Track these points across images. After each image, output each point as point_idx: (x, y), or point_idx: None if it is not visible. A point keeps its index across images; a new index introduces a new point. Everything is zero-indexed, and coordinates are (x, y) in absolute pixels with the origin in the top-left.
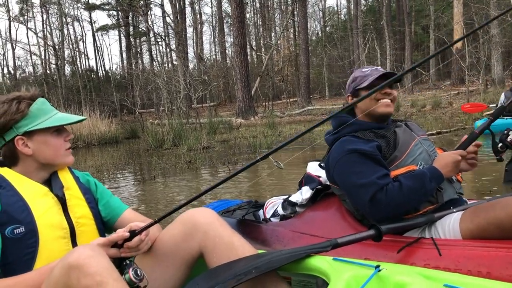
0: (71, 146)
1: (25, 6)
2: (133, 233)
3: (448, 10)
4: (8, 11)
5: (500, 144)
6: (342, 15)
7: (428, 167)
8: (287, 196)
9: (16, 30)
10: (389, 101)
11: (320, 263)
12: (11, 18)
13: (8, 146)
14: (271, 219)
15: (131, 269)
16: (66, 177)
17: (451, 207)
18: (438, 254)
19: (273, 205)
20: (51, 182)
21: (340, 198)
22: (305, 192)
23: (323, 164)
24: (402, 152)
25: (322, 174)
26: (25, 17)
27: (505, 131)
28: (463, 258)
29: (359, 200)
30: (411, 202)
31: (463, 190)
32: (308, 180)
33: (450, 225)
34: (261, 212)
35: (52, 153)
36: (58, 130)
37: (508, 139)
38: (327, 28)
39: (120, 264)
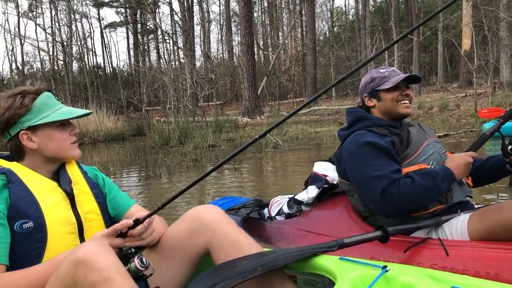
0: (77, 140)
1: (34, 2)
2: (137, 221)
3: (457, 12)
4: (17, 7)
5: (510, 147)
6: (350, 16)
7: (440, 167)
8: (292, 195)
9: (25, 26)
10: (408, 102)
11: (327, 262)
12: (20, 14)
13: (14, 141)
14: (276, 217)
15: (136, 257)
16: (74, 172)
17: (459, 210)
18: (445, 255)
19: (278, 203)
20: (59, 177)
21: (347, 194)
22: (311, 191)
23: (332, 158)
24: (414, 150)
25: (328, 173)
26: (34, 13)
27: None
28: (470, 259)
29: (370, 193)
30: (422, 199)
31: (472, 194)
32: (314, 179)
33: (457, 226)
34: (266, 210)
35: (57, 147)
36: (63, 124)
37: None
38: (335, 28)
39: (126, 254)
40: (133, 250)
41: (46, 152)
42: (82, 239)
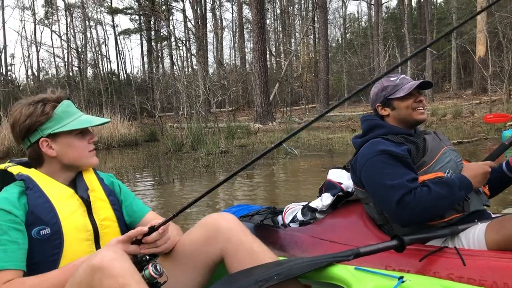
0: (94, 147)
1: (50, 9)
2: (152, 229)
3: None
4: (34, 14)
5: None
6: (363, 22)
7: (457, 175)
8: (306, 202)
9: (41, 33)
10: (422, 108)
11: (342, 272)
12: (37, 21)
13: (33, 148)
14: (290, 224)
15: (150, 265)
16: (91, 179)
17: (476, 220)
18: (462, 264)
19: (292, 211)
20: (76, 183)
21: (363, 202)
22: (326, 199)
23: (347, 165)
24: (430, 159)
25: (343, 181)
26: (50, 20)
27: None
28: (488, 269)
29: (387, 202)
30: (439, 208)
31: (489, 203)
32: (328, 186)
33: (474, 235)
34: (279, 217)
35: (76, 155)
36: (82, 132)
37: None
38: (348, 35)
39: (141, 261)
40: (147, 257)
41: (65, 160)
42: (98, 245)
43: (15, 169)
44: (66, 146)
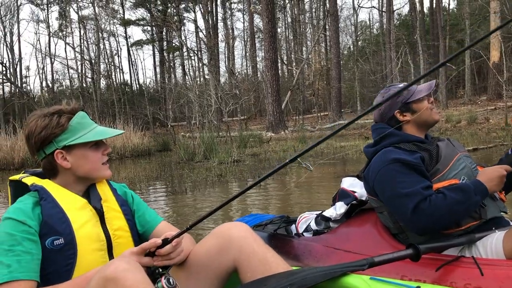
0: (108, 159)
1: (64, 22)
2: (165, 241)
3: (484, 24)
4: (48, 27)
5: None
6: (375, 30)
7: (472, 180)
8: (320, 211)
9: (55, 45)
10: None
11: (357, 282)
12: (51, 34)
13: (48, 159)
14: (304, 234)
15: (163, 278)
16: (104, 189)
17: (493, 228)
18: (479, 274)
19: (306, 220)
20: (90, 194)
21: (377, 211)
22: (340, 207)
23: (361, 174)
24: (444, 166)
25: (357, 189)
26: (64, 32)
27: None
28: (507, 279)
29: (402, 211)
30: (455, 214)
31: (507, 209)
32: (342, 195)
33: (492, 244)
34: (293, 227)
35: (90, 167)
36: (97, 144)
37: None
38: (359, 43)
39: (154, 273)
40: (160, 270)
41: (79, 172)
42: (111, 256)
43: (29, 180)
44: (80, 158)
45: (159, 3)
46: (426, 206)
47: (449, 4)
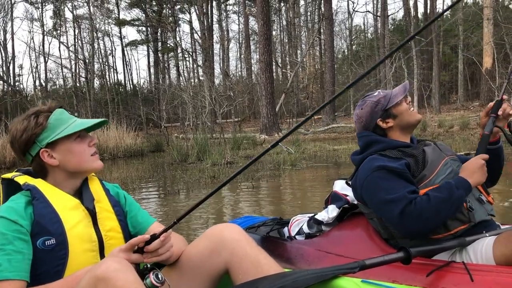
0: (96, 151)
1: (58, 21)
2: (154, 237)
3: (478, 30)
4: (42, 25)
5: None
6: (369, 34)
7: (454, 178)
8: (312, 214)
9: (49, 44)
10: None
11: (348, 284)
12: (45, 33)
13: (36, 161)
14: (296, 237)
15: (152, 273)
16: (96, 189)
17: (484, 231)
18: (469, 280)
19: (298, 223)
20: (82, 194)
21: (367, 217)
22: (332, 211)
23: (350, 182)
24: (431, 171)
25: (349, 192)
26: (58, 31)
27: None
28: (496, 285)
29: (389, 216)
30: (441, 214)
31: (494, 212)
32: (334, 198)
33: (482, 249)
34: (286, 229)
35: (78, 159)
36: (81, 136)
37: None
38: (354, 47)
39: (143, 270)
40: (149, 266)
41: (68, 167)
42: (102, 256)
43: (22, 179)
44: (66, 152)
45: (154, 3)
46: (412, 209)
47: (443, 10)
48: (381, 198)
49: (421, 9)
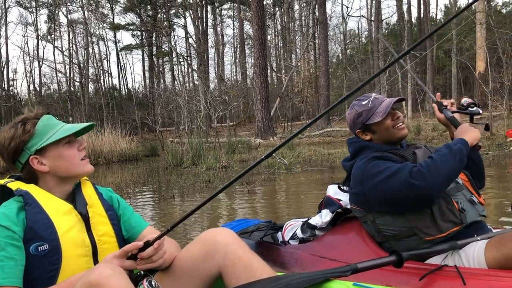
0: (86, 154)
1: (53, 25)
2: (147, 244)
3: (470, 35)
4: (36, 30)
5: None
6: (363, 38)
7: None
8: (306, 219)
9: (44, 49)
10: (402, 123)
11: None
12: (39, 37)
13: (26, 168)
14: (290, 241)
15: (145, 280)
16: (89, 194)
17: (475, 235)
18: (462, 283)
19: (292, 227)
20: (75, 199)
21: (361, 221)
22: (325, 215)
23: (342, 187)
24: None
25: (342, 197)
26: (52, 36)
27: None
28: None
29: (398, 184)
30: (448, 164)
31: (486, 213)
32: (328, 203)
33: (474, 253)
34: (279, 234)
35: (68, 164)
36: (70, 141)
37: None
38: (348, 51)
39: (136, 276)
40: (142, 273)
41: (59, 172)
42: (96, 261)
43: (14, 185)
44: (56, 158)
45: (149, 8)
46: (419, 169)
47: (436, 14)
48: (385, 177)
49: (414, 14)
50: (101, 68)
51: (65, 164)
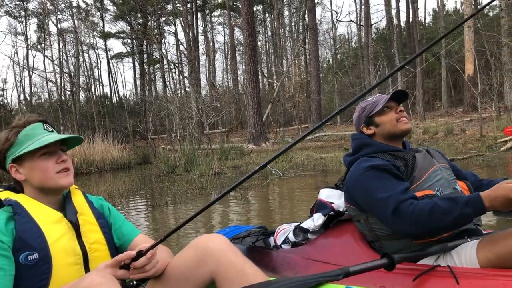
0: (67, 167)
1: (42, 34)
2: (140, 253)
3: (459, 38)
4: (26, 39)
5: None
6: (353, 43)
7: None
8: (298, 223)
9: (34, 58)
10: (405, 118)
11: None
12: (29, 46)
13: (11, 175)
14: (282, 246)
15: None
16: (80, 202)
17: (466, 237)
18: (455, 283)
19: (284, 232)
20: (65, 207)
21: (354, 220)
22: (317, 219)
23: (339, 185)
24: (419, 177)
25: (334, 200)
26: (43, 45)
27: None
28: (481, 287)
29: (383, 214)
30: (439, 222)
31: (481, 222)
32: (320, 206)
33: (466, 253)
34: (271, 239)
35: (41, 176)
36: (49, 153)
37: None
38: (338, 56)
39: (129, 286)
40: (135, 282)
41: (33, 182)
42: (87, 269)
43: (4, 194)
44: (31, 168)
45: (139, 16)
46: (406, 208)
47: (425, 19)
48: (374, 197)
49: (403, 18)
50: (92, 76)
51: (38, 175)
